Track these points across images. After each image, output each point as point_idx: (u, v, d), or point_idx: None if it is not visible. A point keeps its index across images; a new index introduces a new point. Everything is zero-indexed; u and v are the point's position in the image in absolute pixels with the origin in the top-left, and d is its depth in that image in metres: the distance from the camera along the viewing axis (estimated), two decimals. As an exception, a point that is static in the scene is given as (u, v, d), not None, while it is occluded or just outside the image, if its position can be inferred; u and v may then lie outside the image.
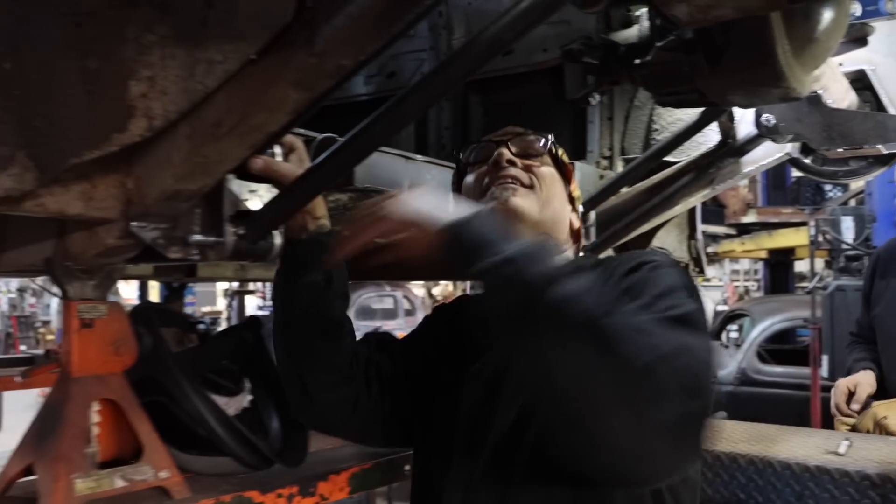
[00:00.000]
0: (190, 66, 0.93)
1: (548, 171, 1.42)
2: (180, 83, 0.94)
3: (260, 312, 12.01)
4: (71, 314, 1.27)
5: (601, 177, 2.41)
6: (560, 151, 1.48)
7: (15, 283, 16.84)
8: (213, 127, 0.97)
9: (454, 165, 1.99)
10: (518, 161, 1.41)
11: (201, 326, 1.62)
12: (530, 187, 1.38)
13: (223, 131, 0.97)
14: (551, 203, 1.40)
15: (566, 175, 1.47)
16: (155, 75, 0.94)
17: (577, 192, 1.51)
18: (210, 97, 0.94)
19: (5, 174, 0.96)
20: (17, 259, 1.36)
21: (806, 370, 5.98)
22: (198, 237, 1.18)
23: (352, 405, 1.38)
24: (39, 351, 9.20)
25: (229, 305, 11.65)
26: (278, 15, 0.86)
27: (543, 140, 1.46)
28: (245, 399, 1.56)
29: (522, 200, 1.36)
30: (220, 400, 1.44)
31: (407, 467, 1.70)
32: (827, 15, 1.30)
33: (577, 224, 1.48)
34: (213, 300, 14.28)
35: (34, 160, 0.98)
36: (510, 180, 1.38)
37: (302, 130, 1.42)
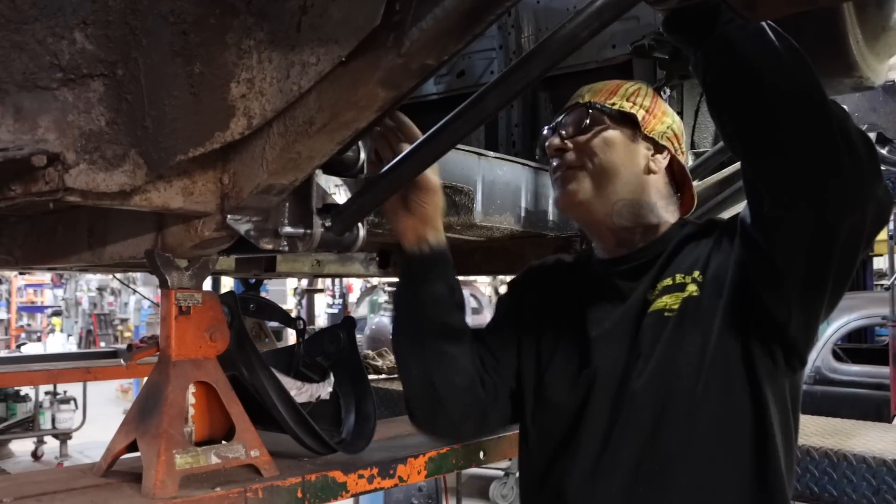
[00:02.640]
0: (285, 68, 0.99)
1: (601, 139, 1.43)
2: (276, 84, 1.00)
3: (329, 311, 12.23)
4: (170, 302, 1.36)
5: (671, 171, 2.42)
6: (618, 104, 1.45)
7: (95, 282, 17.50)
8: (305, 124, 1.03)
9: (524, 162, 2.04)
10: (569, 143, 1.45)
11: (300, 323, 1.70)
12: (580, 167, 1.43)
13: (315, 128, 1.03)
14: (611, 169, 1.41)
15: (633, 122, 1.44)
16: (253, 77, 1.02)
17: (659, 127, 1.45)
18: (303, 97, 1.00)
19: (119, 171, 1.06)
20: (120, 252, 1.46)
21: (885, 369, 5.81)
22: (288, 229, 1.26)
23: (480, 408, 1.47)
24: (121, 346, 9.57)
25: (299, 304, 11.90)
26: (368, 19, 0.91)
27: (586, 109, 1.45)
28: (325, 390, 1.63)
29: (573, 185, 1.42)
30: (296, 384, 1.53)
31: (482, 453, 1.76)
32: (902, 4, 1.30)
33: (659, 164, 1.44)
34: (284, 298, 14.58)
35: (144, 157, 1.07)
36: (559, 170, 1.45)
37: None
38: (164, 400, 1.31)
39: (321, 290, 12.20)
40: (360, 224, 1.35)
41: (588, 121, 1.44)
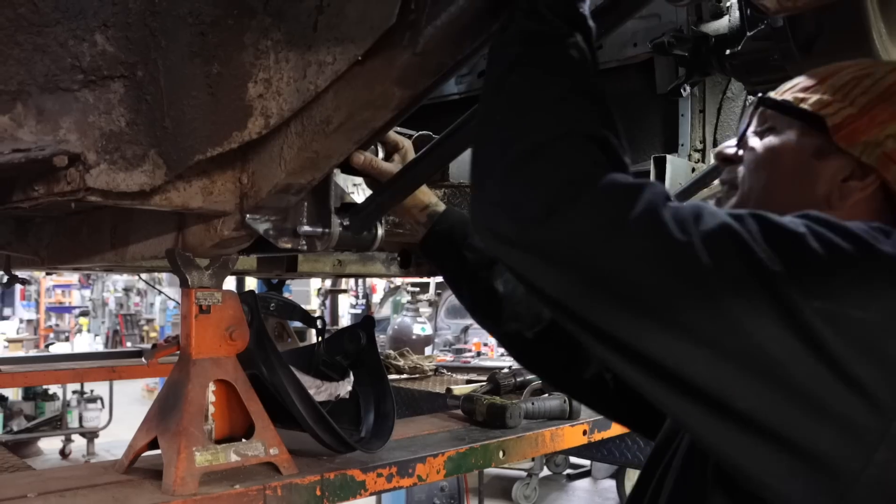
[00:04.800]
0: (302, 68, 1.00)
1: (754, 154, 1.03)
2: (293, 84, 1.01)
3: (353, 311, 12.27)
4: (190, 301, 1.37)
5: (693, 169, 2.40)
6: (808, 99, 1.00)
7: (121, 283, 17.69)
8: (322, 124, 1.04)
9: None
10: (739, 153, 1.07)
11: (320, 322, 1.72)
12: (732, 187, 1.06)
13: (332, 128, 1.03)
14: (762, 192, 1.01)
15: (820, 127, 0.97)
16: (271, 77, 1.02)
17: (873, 135, 0.94)
18: (320, 96, 1.01)
19: (139, 171, 1.07)
20: (141, 251, 1.48)
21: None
22: (306, 228, 1.27)
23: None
24: (146, 345, 9.68)
25: (322, 304, 11.95)
26: (383, 18, 0.91)
27: (759, 107, 1.06)
28: (345, 389, 1.64)
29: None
30: (315, 382, 1.53)
31: (501, 453, 1.76)
32: (927, -2, 1.28)
33: (852, 195, 0.95)
34: (307, 299, 14.64)
35: (164, 158, 1.08)
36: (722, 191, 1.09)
37: (399, 129, 1.49)
38: (185, 398, 1.32)
39: (344, 291, 12.23)
40: (378, 223, 1.35)
41: (759, 122, 1.06)
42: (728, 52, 1.48)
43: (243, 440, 1.41)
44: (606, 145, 0.83)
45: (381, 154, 1.35)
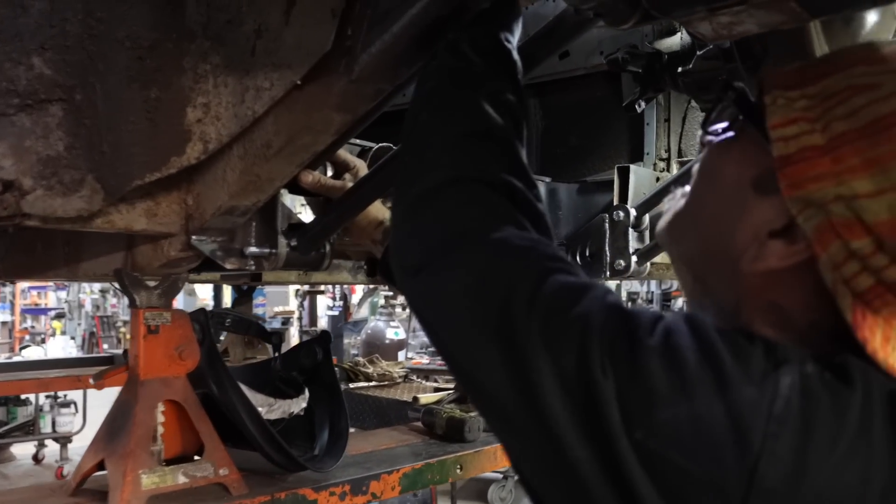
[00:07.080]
0: (240, 93, 1.00)
1: (703, 155, 0.81)
2: (231, 109, 1.01)
3: (330, 313, 12.24)
4: (138, 321, 1.36)
5: (658, 179, 2.41)
6: (775, 111, 0.71)
7: (98, 284, 17.52)
8: (263, 148, 1.04)
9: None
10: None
11: (275, 338, 1.71)
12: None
13: (272, 152, 1.03)
14: (694, 216, 0.80)
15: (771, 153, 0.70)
16: (209, 102, 1.02)
17: (825, 189, 0.66)
18: (259, 121, 1.01)
19: (76, 196, 1.05)
20: (92, 269, 1.46)
21: None
22: (253, 249, 1.26)
23: None
24: (119, 350, 9.58)
25: (300, 306, 11.91)
26: (319, 44, 0.91)
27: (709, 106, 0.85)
28: (299, 406, 1.63)
29: (659, 226, 0.87)
30: (267, 400, 1.52)
31: (459, 468, 1.75)
32: (871, 18, 1.29)
33: (765, 260, 0.71)
34: (286, 301, 14.56)
35: (101, 183, 1.06)
36: None
37: (358, 141, 1.48)
38: (133, 420, 1.31)
39: (322, 292, 12.21)
40: (328, 242, 1.35)
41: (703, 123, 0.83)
42: (680, 69, 1.50)
43: (196, 458, 1.40)
44: (514, 192, 0.77)
45: (329, 173, 1.35)
